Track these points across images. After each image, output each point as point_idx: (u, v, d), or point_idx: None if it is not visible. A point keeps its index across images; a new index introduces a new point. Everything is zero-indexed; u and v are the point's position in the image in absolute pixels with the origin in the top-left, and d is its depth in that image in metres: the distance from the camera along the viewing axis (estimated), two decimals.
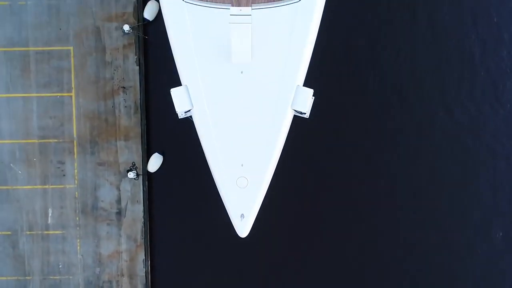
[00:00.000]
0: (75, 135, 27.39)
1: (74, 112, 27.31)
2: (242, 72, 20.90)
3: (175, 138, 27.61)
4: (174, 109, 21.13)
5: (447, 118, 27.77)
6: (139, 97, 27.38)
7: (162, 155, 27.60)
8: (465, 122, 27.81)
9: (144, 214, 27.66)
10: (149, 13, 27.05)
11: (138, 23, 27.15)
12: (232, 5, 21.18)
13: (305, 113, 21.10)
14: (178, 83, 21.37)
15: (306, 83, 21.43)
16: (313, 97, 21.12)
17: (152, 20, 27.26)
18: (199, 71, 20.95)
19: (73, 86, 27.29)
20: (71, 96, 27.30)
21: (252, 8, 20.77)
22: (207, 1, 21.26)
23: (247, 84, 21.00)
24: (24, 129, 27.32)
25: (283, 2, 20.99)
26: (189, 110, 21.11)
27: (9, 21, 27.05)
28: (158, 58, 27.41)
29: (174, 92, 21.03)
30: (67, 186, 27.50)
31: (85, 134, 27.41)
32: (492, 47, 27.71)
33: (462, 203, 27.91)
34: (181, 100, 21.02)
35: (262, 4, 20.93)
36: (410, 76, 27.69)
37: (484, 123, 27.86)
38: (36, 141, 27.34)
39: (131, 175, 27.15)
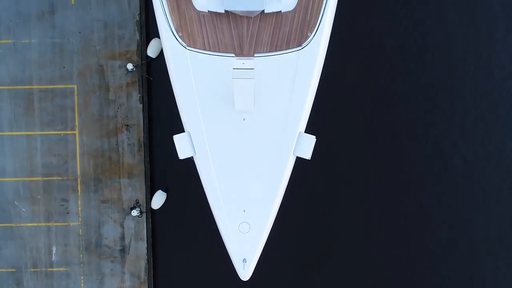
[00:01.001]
0: (78, 173, 27.43)
1: (78, 150, 27.37)
2: (244, 119, 20.95)
3: (178, 175, 27.66)
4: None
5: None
6: (142, 135, 27.43)
7: (165, 192, 27.63)
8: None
9: (147, 252, 27.69)
10: (152, 51, 27.12)
11: (141, 61, 27.20)
12: (235, 53, 21.23)
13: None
14: (181, 123, 21.37)
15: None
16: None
17: (156, 58, 27.31)
18: (201, 118, 21.01)
19: (76, 124, 27.34)
20: (74, 134, 27.36)
21: (255, 56, 20.82)
22: (210, 49, 21.31)
23: (250, 131, 21.04)
24: (28, 167, 27.38)
25: (286, 50, 21.01)
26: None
27: (13, 59, 27.14)
28: (162, 96, 27.48)
29: (177, 139, 21.08)
30: (71, 224, 27.54)
31: (88, 172, 27.45)
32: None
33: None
34: (183, 146, 21.09)
35: (265, 53, 20.97)
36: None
37: None
38: (40, 178, 27.38)
39: (135, 213, 27.19)
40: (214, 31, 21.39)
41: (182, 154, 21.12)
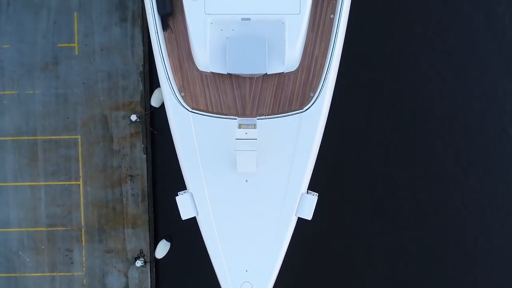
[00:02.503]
0: (83, 223, 27.40)
1: (82, 200, 27.34)
2: (247, 181, 20.93)
3: (182, 224, 27.38)
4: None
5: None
6: (146, 185, 27.39)
7: (169, 241, 27.55)
8: None
9: None
10: (156, 101, 27.14)
11: (145, 111, 27.20)
12: (238, 114, 21.24)
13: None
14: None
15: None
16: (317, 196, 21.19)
17: (159, 107, 27.29)
18: (204, 179, 21.01)
19: (80, 174, 27.33)
20: (78, 185, 27.35)
21: (257, 119, 20.79)
22: (212, 110, 21.32)
23: (252, 193, 21.03)
24: (32, 217, 27.38)
25: (288, 112, 20.97)
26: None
27: (17, 110, 27.20)
28: (165, 146, 27.43)
29: (179, 199, 21.08)
30: (75, 274, 27.49)
31: (92, 222, 27.42)
32: None
33: None
34: (186, 207, 21.13)
35: (267, 116, 20.95)
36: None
37: None
38: (44, 229, 27.37)
39: (139, 263, 27.11)
40: (216, 91, 21.40)
41: (184, 215, 21.16)
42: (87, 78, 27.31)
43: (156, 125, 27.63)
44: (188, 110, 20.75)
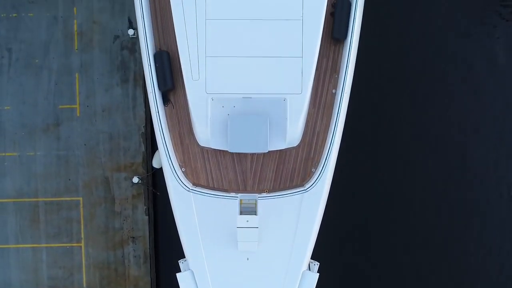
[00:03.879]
0: (84, 285, 27.20)
1: (84, 262, 27.14)
2: (248, 259, 20.68)
3: None
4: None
5: None
6: (148, 247, 27.16)
7: None
8: None
9: None
10: (157, 162, 26.94)
11: (147, 173, 27.01)
12: (239, 189, 21.01)
13: None
14: None
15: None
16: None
17: (160, 168, 27.00)
18: (204, 257, 20.77)
19: (82, 236, 27.15)
20: (80, 246, 27.16)
21: (259, 198, 20.55)
22: (213, 185, 21.09)
23: (253, 271, 20.78)
24: (34, 279, 27.22)
25: (290, 190, 20.73)
26: None
27: (18, 172, 27.06)
28: (168, 207, 27.02)
29: (180, 277, 20.85)
30: None
31: (94, 284, 27.21)
32: None
33: None
34: (187, 285, 20.85)
35: (268, 193, 20.71)
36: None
37: None
38: None
39: None
40: (217, 166, 21.17)
41: None
42: (88, 140, 27.15)
43: (158, 186, 27.42)
44: (188, 189, 20.49)
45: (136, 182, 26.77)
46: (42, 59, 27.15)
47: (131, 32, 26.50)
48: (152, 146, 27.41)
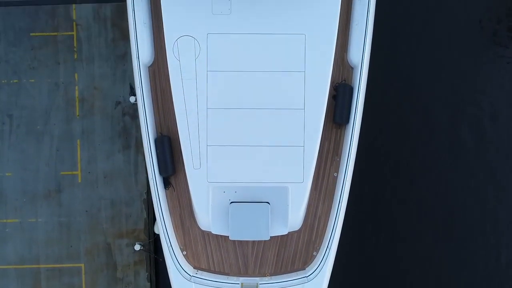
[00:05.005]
0: None
1: None
2: None
3: None
4: None
5: None
6: None
7: None
8: None
9: None
10: (159, 228, 26.74)
11: (149, 239, 26.90)
12: (240, 273, 20.91)
13: None
14: None
15: None
16: None
17: None
18: None
19: None
20: None
21: (260, 282, 20.45)
22: (214, 268, 20.99)
23: None
24: None
25: (292, 277, 20.60)
26: None
27: (20, 238, 26.99)
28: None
29: None
30: None
31: None
32: None
33: None
34: None
35: (270, 281, 20.60)
36: None
37: None
38: None
39: None
40: (219, 250, 21.08)
41: None
42: (90, 206, 27.05)
43: (160, 252, 27.26)
44: (189, 276, 20.40)
45: (138, 249, 26.65)
46: (43, 125, 27.07)
47: (132, 99, 26.31)
48: (154, 213, 27.22)
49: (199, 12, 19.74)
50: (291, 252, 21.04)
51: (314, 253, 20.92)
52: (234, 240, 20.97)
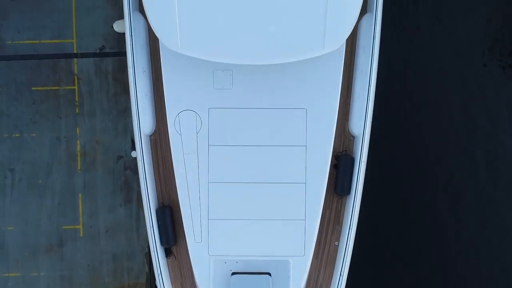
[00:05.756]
0: None
1: None
2: None
3: None
4: None
5: None
6: None
7: None
8: None
9: None
10: None
11: None
12: None
13: None
14: None
15: None
16: None
17: None
18: None
19: None
20: None
21: None
22: None
23: None
24: None
25: None
26: None
27: None
28: None
29: None
30: None
31: None
32: None
33: None
34: None
35: None
36: None
37: None
38: None
39: None
40: None
41: None
42: (92, 260, 27.08)
43: None
44: None
45: None
46: (45, 179, 27.10)
47: (134, 154, 26.26)
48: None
49: (201, 86, 19.76)
50: None
51: None
52: None
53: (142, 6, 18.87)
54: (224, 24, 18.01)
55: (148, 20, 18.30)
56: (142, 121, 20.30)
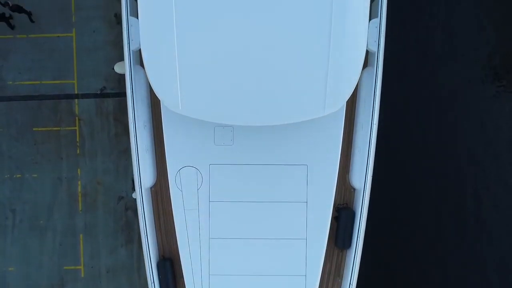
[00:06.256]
0: None
1: None
2: None
3: None
4: None
5: None
6: None
7: None
8: None
9: None
10: None
11: None
12: None
13: None
14: None
15: None
16: None
17: None
18: None
19: None
20: None
21: None
22: None
23: None
24: None
25: None
26: None
27: None
28: None
29: None
30: None
31: None
32: None
33: None
34: None
35: None
36: None
37: None
38: None
39: None
40: None
41: None
42: None
43: None
44: None
45: None
46: (46, 220, 27.12)
47: (134, 195, 26.36)
48: None
49: (202, 142, 19.76)
50: None
51: None
52: None
53: (143, 60, 18.87)
54: (225, 86, 18.00)
55: (149, 81, 18.29)
56: (143, 176, 20.29)
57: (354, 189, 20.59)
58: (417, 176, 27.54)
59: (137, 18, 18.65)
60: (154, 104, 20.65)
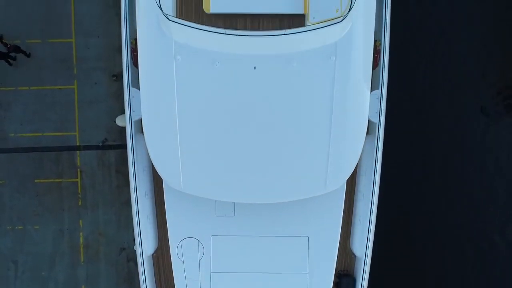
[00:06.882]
0: None
1: None
2: None
3: None
4: None
5: None
6: None
7: None
8: None
9: None
10: None
11: None
12: None
13: None
14: None
15: None
16: None
17: None
18: None
19: None
20: None
21: None
22: None
23: None
24: None
25: None
26: None
27: None
28: None
29: None
30: None
31: None
32: None
33: None
34: None
35: None
36: None
37: None
38: None
39: None
40: None
41: None
42: None
43: None
44: None
45: None
46: (48, 272, 27.22)
47: (136, 247, 26.51)
48: None
49: (203, 214, 19.88)
50: None
51: None
52: None
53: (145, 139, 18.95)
54: (227, 165, 18.13)
55: (151, 160, 18.40)
56: (144, 244, 20.41)
57: (355, 256, 20.69)
58: None
59: (139, 89, 18.76)
60: (156, 173, 20.73)
